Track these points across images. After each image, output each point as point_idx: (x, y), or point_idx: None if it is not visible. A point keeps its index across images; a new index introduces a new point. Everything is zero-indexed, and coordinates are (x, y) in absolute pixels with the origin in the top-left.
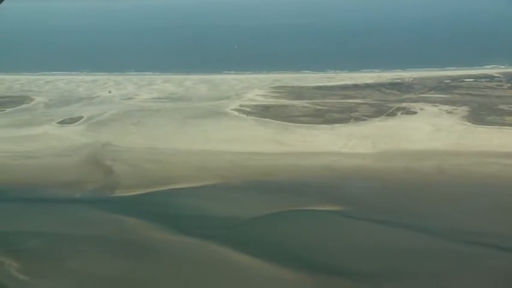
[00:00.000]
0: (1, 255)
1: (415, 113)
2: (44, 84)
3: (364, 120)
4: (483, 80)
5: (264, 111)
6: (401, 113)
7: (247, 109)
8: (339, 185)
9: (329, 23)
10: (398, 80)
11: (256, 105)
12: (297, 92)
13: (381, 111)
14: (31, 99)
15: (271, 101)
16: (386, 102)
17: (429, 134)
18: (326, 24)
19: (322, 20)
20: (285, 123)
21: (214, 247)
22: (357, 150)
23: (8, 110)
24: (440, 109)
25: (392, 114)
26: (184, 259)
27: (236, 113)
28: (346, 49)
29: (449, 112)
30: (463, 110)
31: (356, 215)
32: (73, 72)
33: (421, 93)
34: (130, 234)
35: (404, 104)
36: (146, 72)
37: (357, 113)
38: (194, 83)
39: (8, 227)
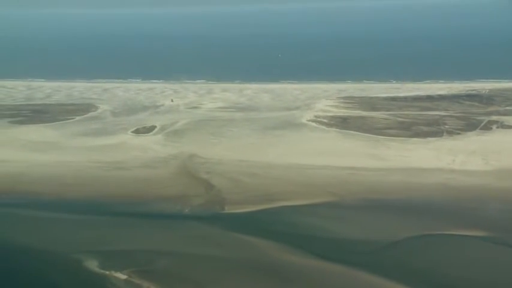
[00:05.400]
0: (135, 276)
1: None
2: (102, 92)
3: (459, 134)
4: None
5: (343, 123)
6: (497, 127)
7: (325, 120)
8: (469, 207)
9: (384, 32)
10: (474, 92)
11: (332, 116)
12: (369, 103)
13: (472, 124)
14: (96, 107)
15: (345, 112)
16: (472, 115)
17: None
18: (380, 32)
19: (377, 28)
20: (371, 135)
21: (362, 275)
22: (469, 168)
23: (77, 118)
24: None
25: (486, 128)
26: None
27: (314, 124)
28: (404, 58)
29: None
30: None
31: (510, 242)
32: (127, 80)
33: (507, 106)
34: (264, 257)
35: (494, 117)
36: (199, 81)
37: (446, 126)
38: (255, 92)
39: (131, 244)
